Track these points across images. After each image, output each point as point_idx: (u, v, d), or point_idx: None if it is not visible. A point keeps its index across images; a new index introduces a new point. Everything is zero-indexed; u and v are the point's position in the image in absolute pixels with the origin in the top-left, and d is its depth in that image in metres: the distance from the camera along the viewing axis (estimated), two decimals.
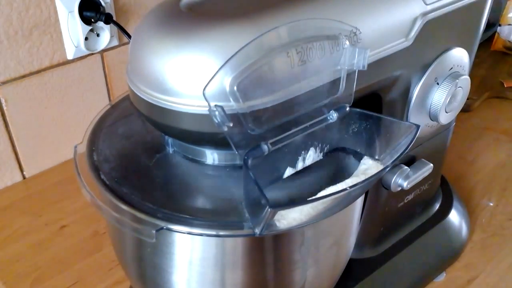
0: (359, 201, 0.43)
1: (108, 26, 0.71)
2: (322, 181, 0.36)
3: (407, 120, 0.46)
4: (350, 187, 0.32)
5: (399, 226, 0.58)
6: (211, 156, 0.38)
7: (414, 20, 0.40)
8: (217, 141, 0.33)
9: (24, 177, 0.73)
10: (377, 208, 0.52)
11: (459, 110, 0.50)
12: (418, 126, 0.36)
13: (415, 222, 0.60)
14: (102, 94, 0.77)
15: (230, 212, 0.35)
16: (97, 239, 0.63)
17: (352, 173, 0.37)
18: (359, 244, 0.52)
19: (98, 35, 0.72)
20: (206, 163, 0.38)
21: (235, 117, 0.31)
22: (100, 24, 0.70)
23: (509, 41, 1.07)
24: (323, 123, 0.35)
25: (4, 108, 0.67)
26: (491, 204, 0.70)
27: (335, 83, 0.35)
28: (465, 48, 0.47)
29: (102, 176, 0.38)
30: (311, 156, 0.37)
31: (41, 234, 0.63)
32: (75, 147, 0.40)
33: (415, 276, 0.58)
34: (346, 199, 0.36)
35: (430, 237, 0.59)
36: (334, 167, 0.39)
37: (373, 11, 0.37)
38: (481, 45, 0.54)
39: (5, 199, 0.69)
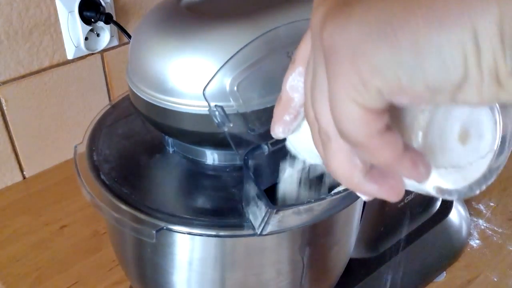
0: (359, 201, 0.43)
1: (108, 26, 0.71)
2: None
3: None
4: None
5: (399, 226, 0.57)
6: (211, 156, 0.38)
7: None
8: (217, 141, 0.33)
9: (24, 177, 0.73)
10: (377, 208, 0.52)
11: None
12: None
13: (415, 222, 0.60)
14: (102, 94, 0.77)
15: (230, 212, 0.34)
16: (97, 239, 0.62)
17: None
18: (359, 244, 0.52)
19: (98, 35, 0.72)
20: (206, 163, 0.38)
21: (235, 117, 0.31)
22: (100, 24, 0.70)
23: None
24: None
25: (4, 108, 0.67)
26: (492, 204, 0.70)
27: None
28: None
29: (102, 176, 0.38)
30: None
31: (41, 234, 0.63)
32: (75, 147, 0.40)
33: (415, 276, 0.58)
34: (347, 199, 0.36)
35: (430, 237, 0.59)
36: None
37: None
38: None
39: (5, 199, 0.69)
